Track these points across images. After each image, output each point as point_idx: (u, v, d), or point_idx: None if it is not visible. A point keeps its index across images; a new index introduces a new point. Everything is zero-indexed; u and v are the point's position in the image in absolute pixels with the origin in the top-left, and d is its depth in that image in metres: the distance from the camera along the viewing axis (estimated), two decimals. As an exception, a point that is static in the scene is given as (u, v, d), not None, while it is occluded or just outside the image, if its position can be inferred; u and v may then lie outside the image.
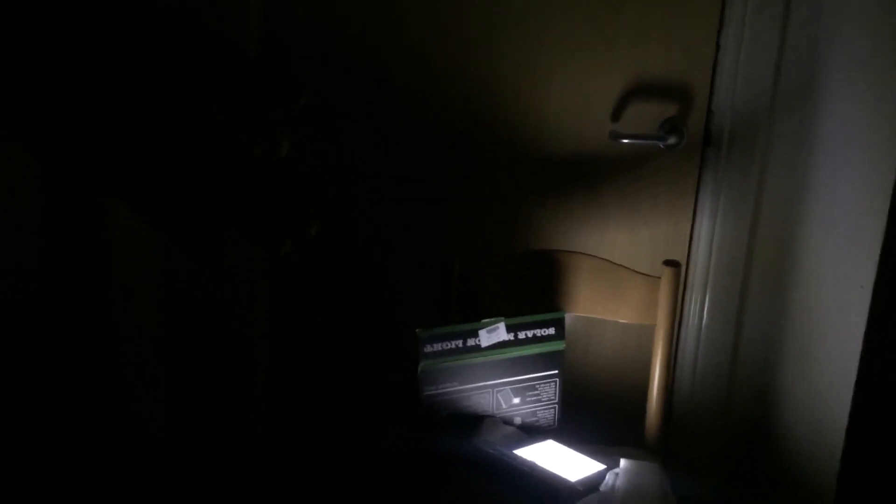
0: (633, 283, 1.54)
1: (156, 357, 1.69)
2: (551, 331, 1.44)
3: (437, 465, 1.35)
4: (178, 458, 1.75)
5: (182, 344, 1.70)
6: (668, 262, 1.51)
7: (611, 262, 1.56)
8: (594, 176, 1.70)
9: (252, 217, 0.38)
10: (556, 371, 1.45)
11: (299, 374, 1.81)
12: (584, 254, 1.58)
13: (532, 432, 1.44)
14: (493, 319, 1.40)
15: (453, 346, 1.37)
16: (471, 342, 1.38)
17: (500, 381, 1.41)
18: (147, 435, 1.70)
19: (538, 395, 1.45)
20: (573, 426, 1.48)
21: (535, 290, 1.58)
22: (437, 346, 1.36)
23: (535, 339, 1.43)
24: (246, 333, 1.73)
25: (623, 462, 1.42)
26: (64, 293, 1.58)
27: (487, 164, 1.70)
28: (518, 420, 1.44)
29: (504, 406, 1.43)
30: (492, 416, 1.41)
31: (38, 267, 1.55)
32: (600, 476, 1.33)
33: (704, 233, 1.72)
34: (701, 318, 1.76)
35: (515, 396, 1.43)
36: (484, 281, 1.56)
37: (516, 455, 1.33)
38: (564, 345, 1.45)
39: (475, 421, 1.39)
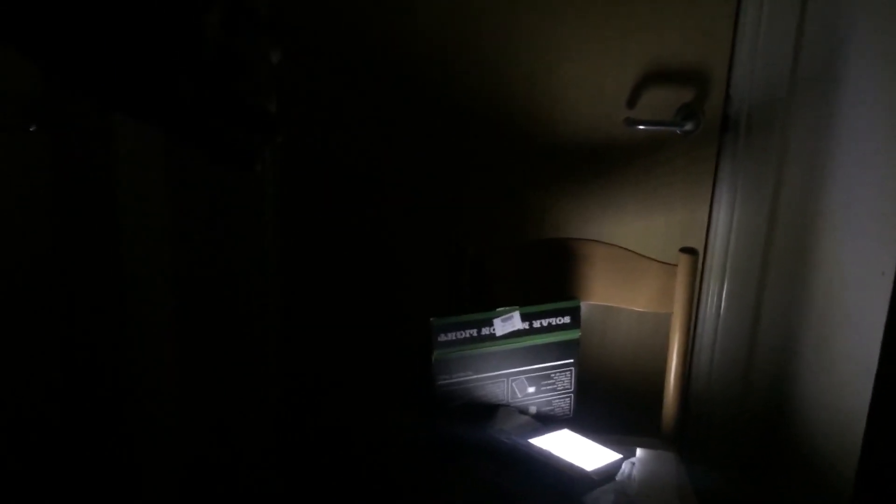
0: (649, 271, 1.52)
1: (166, 353, 1.69)
2: (566, 319, 1.43)
3: (452, 455, 1.35)
4: (189, 453, 1.75)
5: (193, 338, 1.70)
6: (684, 250, 1.49)
7: (627, 249, 1.54)
8: (610, 163, 1.68)
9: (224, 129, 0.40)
10: (572, 360, 1.44)
11: (311, 364, 1.81)
12: (599, 241, 1.56)
13: (547, 422, 1.43)
14: (507, 308, 1.39)
15: (467, 335, 1.36)
16: (485, 331, 1.37)
17: (514, 371, 1.41)
18: (157, 430, 1.71)
19: (553, 384, 1.44)
20: (589, 415, 1.47)
21: (549, 279, 1.56)
22: (451, 336, 1.35)
23: (551, 328, 1.42)
24: (257, 326, 1.72)
25: (639, 452, 1.41)
26: (75, 291, 1.58)
27: (501, 150, 1.68)
28: (533, 409, 1.43)
29: (519, 395, 1.42)
30: (507, 406, 1.41)
31: (50, 264, 1.56)
32: (616, 466, 1.32)
33: (722, 220, 1.70)
34: (718, 307, 1.74)
35: (530, 385, 1.42)
36: (497, 269, 1.54)
37: (531, 445, 1.32)
38: (580, 333, 1.44)
39: (490, 410, 1.39)
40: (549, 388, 1.43)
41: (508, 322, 1.39)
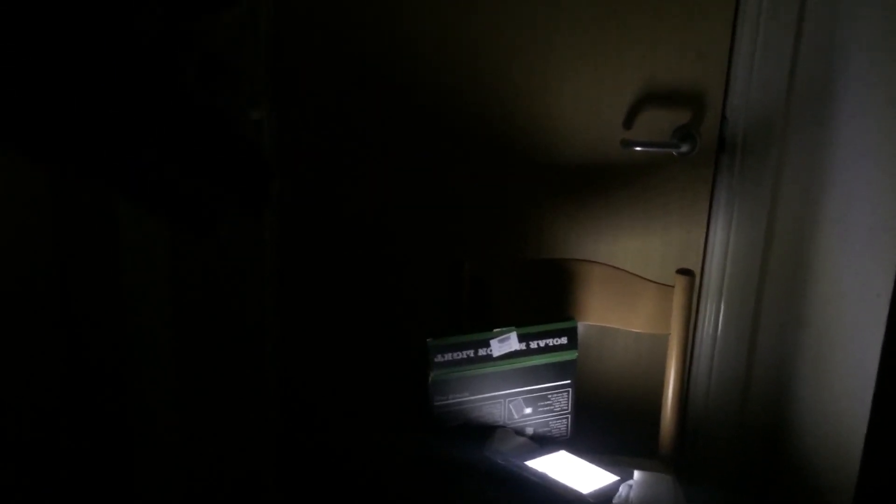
0: (646, 292, 1.52)
1: (166, 360, 1.69)
2: (563, 340, 1.42)
3: (449, 476, 1.34)
4: (188, 460, 1.74)
5: (192, 347, 1.70)
6: (681, 271, 1.50)
7: (624, 270, 1.54)
8: (606, 183, 1.69)
9: (236, 179, 0.39)
10: (569, 381, 1.43)
11: (309, 379, 1.80)
12: (596, 262, 1.56)
13: (544, 443, 1.42)
14: (504, 329, 1.38)
15: (464, 355, 1.36)
16: (482, 352, 1.37)
17: (511, 391, 1.40)
18: (156, 437, 1.70)
19: (550, 405, 1.43)
20: (586, 437, 1.47)
21: (546, 299, 1.56)
22: (448, 356, 1.35)
23: (548, 349, 1.41)
24: (255, 337, 1.72)
25: (637, 474, 1.41)
26: (75, 295, 1.58)
27: (498, 170, 1.69)
28: (530, 430, 1.43)
29: (516, 416, 1.41)
30: (503, 427, 1.40)
31: (50, 269, 1.56)
32: (613, 488, 1.32)
33: (719, 241, 1.70)
34: (715, 328, 1.74)
35: (527, 407, 1.42)
36: (495, 288, 1.54)
37: (528, 466, 1.32)
38: (577, 354, 1.44)
39: (487, 431, 1.38)
40: (546, 409, 1.43)
41: (505, 343, 1.38)
